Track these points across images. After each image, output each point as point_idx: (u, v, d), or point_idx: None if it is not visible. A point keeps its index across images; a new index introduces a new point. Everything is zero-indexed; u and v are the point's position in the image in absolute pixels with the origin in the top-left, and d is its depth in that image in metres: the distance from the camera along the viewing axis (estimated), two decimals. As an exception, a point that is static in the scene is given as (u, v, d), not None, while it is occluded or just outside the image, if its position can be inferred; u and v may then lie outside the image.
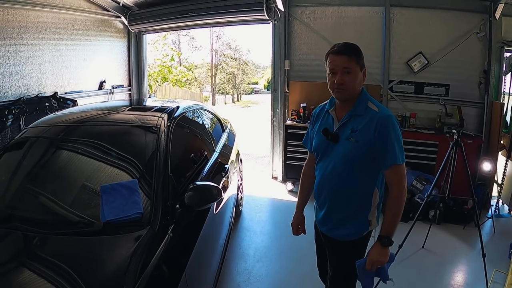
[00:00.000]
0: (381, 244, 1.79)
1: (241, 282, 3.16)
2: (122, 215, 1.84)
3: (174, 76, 17.35)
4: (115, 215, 1.84)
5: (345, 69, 1.77)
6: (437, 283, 3.20)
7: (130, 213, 1.86)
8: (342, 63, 1.77)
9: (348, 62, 1.77)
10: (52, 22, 4.85)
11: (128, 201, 1.91)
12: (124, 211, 1.86)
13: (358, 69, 1.80)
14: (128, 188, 1.98)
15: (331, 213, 1.95)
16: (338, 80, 1.78)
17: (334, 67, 1.79)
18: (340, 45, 1.81)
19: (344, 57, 1.77)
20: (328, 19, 5.28)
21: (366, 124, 1.79)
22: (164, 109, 2.75)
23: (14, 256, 1.68)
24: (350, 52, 1.78)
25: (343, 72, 1.77)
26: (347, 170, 1.84)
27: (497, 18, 4.68)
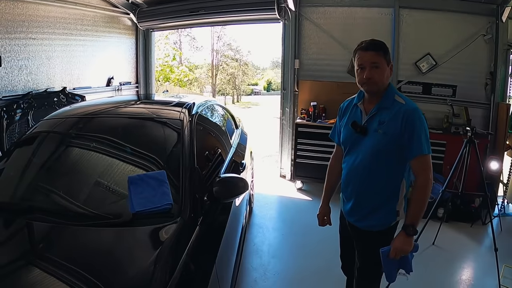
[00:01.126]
0: (405, 233, 1.81)
1: (257, 278, 3.15)
2: (152, 206, 1.79)
3: (176, 75, 17.30)
4: (144, 206, 1.79)
5: (373, 64, 1.83)
6: (449, 278, 3.24)
7: (160, 204, 1.81)
8: (370, 58, 1.83)
9: (376, 57, 1.83)
10: (62, 17, 4.81)
11: (157, 192, 1.85)
12: (153, 202, 1.81)
13: (385, 64, 1.86)
14: (156, 179, 1.93)
15: (359, 204, 1.98)
16: (367, 74, 1.83)
17: (363, 62, 1.86)
18: (368, 41, 1.87)
19: (372, 52, 1.83)
20: (337, 19, 5.30)
21: (393, 116, 1.83)
22: (183, 104, 2.74)
23: (44, 247, 1.64)
24: (377, 48, 1.84)
25: (372, 67, 1.83)
26: (375, 162, 1.87)
27: (504, 21, 4.72)
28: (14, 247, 1.63)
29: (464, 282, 3.20)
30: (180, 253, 1.61)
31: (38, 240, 1.69)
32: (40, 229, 1.73)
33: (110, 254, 1.59)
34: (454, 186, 3.85)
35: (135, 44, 6.41)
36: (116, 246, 1.64)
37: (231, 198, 2.17)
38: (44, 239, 1.69)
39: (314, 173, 5.09)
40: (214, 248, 1.94)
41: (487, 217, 4.35)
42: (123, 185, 1.94)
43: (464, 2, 4.83)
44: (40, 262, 1.51)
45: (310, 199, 5.03)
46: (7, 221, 1.78)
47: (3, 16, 3.98)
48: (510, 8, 4.56)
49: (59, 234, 1.69)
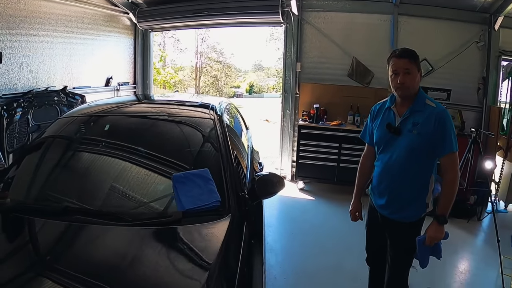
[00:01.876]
0: (437, 222, 2.02)
1: (277, 275, 3.21)
2: (201, 204, 1.79)
3: (162, 77, 17.09)
4: (193, 204, 1.78)
5: (406, 70, 1.99)
6: (452, 269, 3.44)
7: (209, 202, 1.81)
8: (403, 65, 1.99)
9: (408, 64, 1.99)
10: (63, 14, 4.74)
11: (204, 190, 1.86)
12: (202, 200, 1.80)
13: (416, 71, 2.03)
14: (201, 177, 1.93)
15: (394, 198, 2.13)
16: (400, 80, 1.99)
17: (397, 68, 2.01)
18: (401, 49, 2.05)
19: (405, 60, 1.99)
20: (338, 24, 5.42)
21: (427, 118, 2.00)
22: (207, 105, 2.76)
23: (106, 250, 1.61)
24: (410, 55, 2.01)
25: (404, 73, 1.99)
26: (409, 159, 2.03)
27: (496, 29, 4.99)
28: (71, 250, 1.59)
29: (468, 272, 3.42)
30: (238, 248, 1.63)
31: (96, 243, 1.64)
32: (95, 231, 1.68)
33: (164, 254, 1.59)
34: None
35: (133, 44, 6.35)
36: (170, 246, 1.65)
37: (270, 195, 2.18)
38: (101, 241, 1.65)
39: (316, 173, 5.20)
40: (259, 243, 2.02)
41: (482, 213, 4.63)
42: (167, 185, 1.96)
43: (459, 11, 5.06)
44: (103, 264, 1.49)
45: (313, 199, 5.10)
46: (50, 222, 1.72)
47: (5, 11, 3.89)
48: (502, 17, 4.84)
49: (114, 235, 1.67)
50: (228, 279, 1.45)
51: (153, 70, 16.31)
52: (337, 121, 5.19)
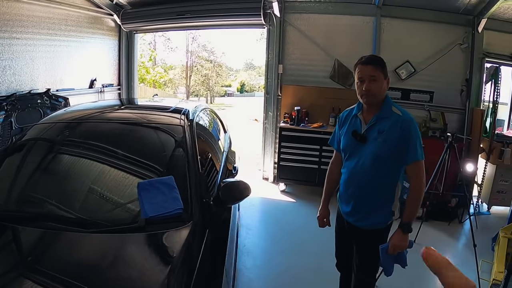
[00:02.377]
0: (402, 231, 2.11)
1: (253, 278, 3.39)
2: (164, 211, 1.89)
3: (151, 76, 17.51)
4: (156, 211, 1.88)
5: (371, 77, 2.07)
6: (429, 274, 3.50)
7: (172, 209, 1.91)
8: (369, 72, 2.07)
9: (374, 71, 2.07)
10: (46, 17, 4.94)
11: (168, 197, 1.96)
12: (165, 207, 1.90)
13: (383, 78, 2.11)
14: (166, 184, 2.04)
15: (359, 205, 2.23)
16: (366, 87, 2.08)
17: (362, 75, 2.09)
18: (367, 56, 2.13)
19: (371, 66, 2.07)
20: (321, 26, 5.66)
21: (392, 126, 2.09)
22: (180, 110, 2.89)
23: (56, 255, 1.68)
24: (376, 62, 2.09)
25: (370, 80, 2.07)
26: (374, 167, 2.13)
27: (480, 31, 5.24)
28: (21, 256, 1.68)
29: None
30: (196, 256, 1.73)
31: (49, 249, 1.73)
32: (51, 237, 1.76)
33: (127, 259, 1.67)
34: (435, 187, 4.27)
35: (118, 46, 6.58)
36: (133, 252, 1.72)
37: (236, 201, 2.31)
38: (55, 247, 1.73)
39: (298, 175, 5.45)
40: (222, 250, 2.11)
41: (463, 215, 4.85)
42: (132, 192, 2.04)
43: (442, 13, 5.31)
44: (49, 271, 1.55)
45: (294, 201, 5.34)
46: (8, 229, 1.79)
47: (-13, 15, 4.09)
48: (486, 19, 5.09)
49: (71, 241, 1.74)
50: (184, 284, 1.56)
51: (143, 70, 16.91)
52: (319, 123, 5.43)
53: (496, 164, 5.17)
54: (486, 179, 5.34)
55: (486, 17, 5.08)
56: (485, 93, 5.49)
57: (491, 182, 5.22)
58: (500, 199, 5.22)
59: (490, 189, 5.23)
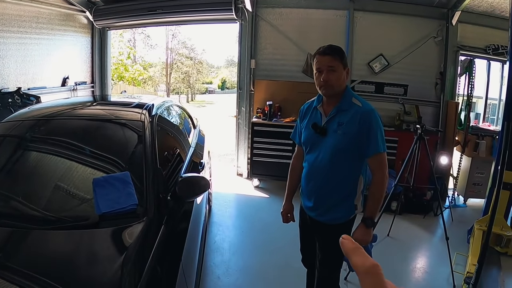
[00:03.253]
0: (365, 225, 2.23)
1: (220, 274, 3.64)
2: (118, 207, 2.01)
3: (130, 74, 18.22)
4: (110, 207, 2.00)
5: (330, 68, 2.17)
6: (405, 267, 3.96)
7: (126, 205, 2.04)
8: (327, 62, 2.17)
9: (332, 61, 2.17)
10: (17, 15, 5.19)
11: (122, 193, 2.08)
12: (119, 203, 2.03)
13: (342, 68, 2.21)
14: (121, 180, 2.17)
15: (321, 199, 2.34)
16: (324, 77, 2.17)
17: (320, 66, 2.20)
18: (325, 46, 2.23)
19: (329, 57, 2.18)
20: (293, 21, 6.13)
21: (351, 118, 2.19)
22: (143, 105, 3.05)
23: (5, 254, 1.74)
24: (334, 52, 2.19)
25: (329, 71, 2.17)
26: (334, 160, 2.23)
27: (454, 24, 5.75)
28: None
29: (419, 270, 3.90)
30: (148, 252, 1.83)
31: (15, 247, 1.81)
32: (6, 235, 1.85)
33: (77, 256, 1.76)
34: (406, 180, 4.66)
35: (90, 43, 6.97)
36: (83, 249, 1.82)
37: (194, 196, 2.48)
38: (5, 245, 1.81)
39: (271, 171, 5.91)
40: (179, 246, 2.20)
41: (438, 208, 5.22)
42: (88, 187, 2.16)
43: (416, 6, 5.82)
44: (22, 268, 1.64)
45: (267, 197, 5.80)
46: None
47: (-44, 12, 4.34)
48: (460, 12, 5.57)
49: (22, 239, 1.84)
50: (135, 277, 1.66)
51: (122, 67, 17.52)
52: (291, 118, 5.86)
53: (472, 157, 5.65)
54: (461, 172, 5.82)
55: (460, 10, 5.56)
56: (459, 86, 5.96)
57: (466, 175, 5.71)
58: (476, 191, 5.70)
59: (466, 181, 5.71)
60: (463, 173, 5.83)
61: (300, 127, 2.49)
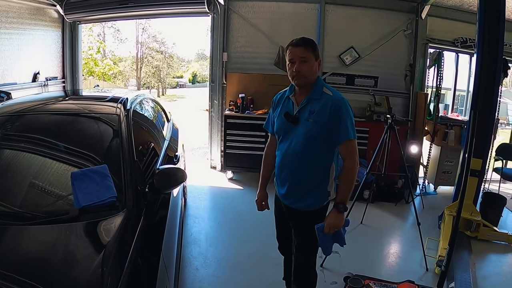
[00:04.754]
0: (337, 210, 2.39)
1: (198, 266, 3.87)
2: (97, 200, 2.13)
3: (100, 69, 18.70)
4: (89, 200, 2.11)
5: (302, 59, 2.36)
6: (379, 253, 4.34)
7: (105, 198, 2.16)
8: (299, 53, 2.36)
9: (304, 52, 2.36)
10: None
11: (101, 186, 2.20)
12: (98, 196, 2.14)
13: (314, 59, 2.40)
14: (99, 173, 2.29)
15: (294, 187, 2.53)
16: (296, 68, 2.36)
17: (293, 57, 2.38)
18: (298, 38, 2.42)
19: (301, 48, 2.37)
20: (265, 14, 6.60)
21: (322, 106, 2.38)
22: (117, 99, 3.21)
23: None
24: (306, 44, 2.38)
25: (301, 61, 2.36)
26: (307, 148, 2.42)
27: (423, 18, 6.35)
28: None
29: (392, 255, 4.30)
30: (129, 243, 1.94)
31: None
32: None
33: (57, 251, 1.85)
34: (377, 168, 5.06)
35: (61, 38, 7.26)
36: (64, 243, 1.92)
37: (171, 188, 2.61)
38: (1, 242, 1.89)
39: (244, 163, 6.40)
40: (159, 238, 2.35)
41: (409, 196, 5.63)
42: (66, 182, 2.28)
43: (387, 0, 6.39)
44: None
45: (241, 188, 6.28)
46: None
47: None
48: (429, 6, 6.16)
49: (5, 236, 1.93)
50: (112, 275, 1.73)
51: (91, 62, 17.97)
52: (264, 110, 6.31)
53: (441, 146, 6.25)
54: (431, 161, 6.43)
55: (429, 4, 6.17)
56: (428, 77, 6.57)
57: (436, 163, 6.32)
58: (445, 179, 6.34)
59: (436, 169, 6.33)
60: (432, 162, 6.44)
61: (273, 117, 2.68)
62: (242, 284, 3.64)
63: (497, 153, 6.10)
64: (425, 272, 3.92)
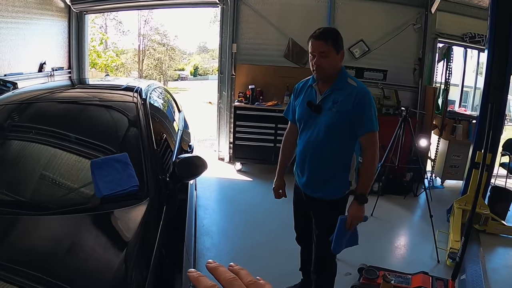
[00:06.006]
0: (358, 202, 2.42)
1: (212, 257, 3.73)
2: (119, 189, 2.04)
3: (103, 61, 18.43)
4: (111, 189, 2.03)
5: (322, 53, 2.32)
6: (390, 245, 4.32)
7: (127, 187, 2.07)
8: (319, 47, 2.32)
9: (324, 47, 2.31)
10: None
11: (123, 175, 2.12)
12: (120, 185, 2.05)
13: (334, 52, 2.35)
14: (120, 162, 2.20)
15: (315, 176, 2.52)
16: (316, 62, 2.34)
17: (313, 50, 2.35)
18: (320, 30, 2.36)
19: (321, 42, 2.32)
20: (275, 5, 6.43)
21: (347, 97, 2.36)
22: (132, 88, 3.13)
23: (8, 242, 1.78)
24: (327, 37, 2.32)
25: (320, 56, 2.32)
26: (328, 137, 2.40)
27: (433, 12, 6.20)
28: None
29: (403, 247, 4.29)
30: (154, 234, 1.90)
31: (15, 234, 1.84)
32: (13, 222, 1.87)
33: (84, 240, 1.80)
34: (390, 161, 5.01)
35: (67, 28, 7.10)
36: (89, 232, 1.87)
37: (193, 177, 2.57)
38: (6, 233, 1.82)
39: (254, 154, 6.28)
40: (182, 228, 2.34)
41: (418, 189, 5.75)
42: (85, 171, 2.20)
43: (396, -6, 6.21)
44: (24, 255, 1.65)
45: (250, 180, 6.15)
46: None
47: None
48: (439, 1, 6.01)
49: (26, 226, 1.85)
50: (142, 264, 1.69)
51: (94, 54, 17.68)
52: (273, 102, 6.21)
53: (449, 140, 6.15)
54: (439, 155, 6.33)
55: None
56: (437, 72, 6.48)
57: (444, 157, 6.21)
58: (453, 173, 6.23)
59: (443, 163, 6.22)
60: (440, 156, 6.33)
61: (294, 105, 2.66)
62: (258, 274, 3.49)
63: (504, 148, 6.00)
64: (436, 264, 3.89)
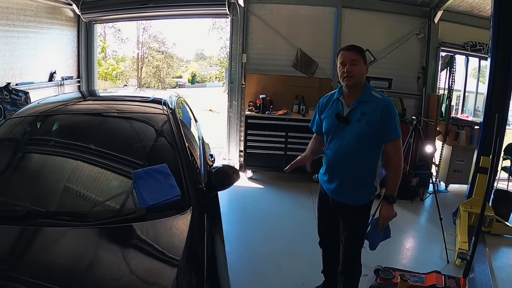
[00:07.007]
0: (387, 202, 2.58)
1: (234, 261, 3.66)
2: (163, 199, 2.10)
3: (104, 69, 18.16)
4: (155, 199, 2.08)
5: (352, 61, 2.50)
6: (400, 246, 4.37)
7: (170, 196, 2.13)
8: (350, 56, 2.51)
9: (354, 55, 2.51)
10: (4, 7, 5.25)
11: (164, 185, 2.18)
12: (163, 195, 2.11)
13: (363, 63, 2.55)
14: (161, 172, 2.27)
15: (346, 183, 2.64)
16: (347, 69, 2.49)
17: (344, 59, 2.52)
18: (349, 44, 2.62)
19: (352, 52, 2.52)
20: (284, 17, 6.46)
21: (374, 108, 2.49)
22: (159, 100, 3.19)
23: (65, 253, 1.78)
24: (356, 49, 2.55)
25: (351, 64, 2.49)
26: (358, 146, 2.53)
27: (436, 22, 6.32)
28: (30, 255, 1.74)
29: (414, 249, 4.37)
30: (201, 241, 1.95)
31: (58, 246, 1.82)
32: (50, 234, 1.87)
33: (133, 249, 1.84)
34: None
35: (77, 37, 7.04)
36: (137, 242, 1.90)
37: (227, 186, 2.54)
38: (64, 244, 1.83)
39: (264, 162, 6.24)
40: (221, 236, 2.42)
41: (424, 194, 5.83)
42: (127, 182, 2.28)
43: (401, 5, 6.35)
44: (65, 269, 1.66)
45: (262, 187, 6.10)
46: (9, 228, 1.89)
47: None
48: (442, 11, 6.14)
49: (75, 237, 1.86)
50: (197, 272, 1.72)
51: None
52: (283, 111, 6.19)
53: (452, 146, 6.21)
54: (443, 160, 6.39)
55: (442, 9, 6.16)
56: (440, 80, 6.56)
57: (447, 162, 6.28)
58: (456, 177, 6.29)
59: (447, 168, 6.29)
60: (444, 161, 6.40)
61: (319, 118, 2.79)
62: (280, 277, 3.65)
63: (505, 152, 6.05)
64: (446, 264, 3.99)
